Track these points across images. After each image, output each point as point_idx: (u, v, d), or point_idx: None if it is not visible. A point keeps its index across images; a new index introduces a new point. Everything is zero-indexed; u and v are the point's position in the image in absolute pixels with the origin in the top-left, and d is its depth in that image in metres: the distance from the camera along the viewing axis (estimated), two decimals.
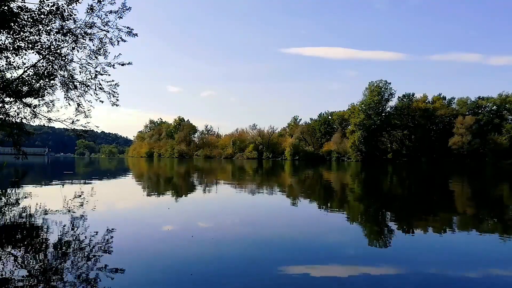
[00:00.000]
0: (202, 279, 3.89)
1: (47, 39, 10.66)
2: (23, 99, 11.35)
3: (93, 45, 11.24)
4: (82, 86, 11.68)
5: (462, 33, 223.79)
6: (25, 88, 11.12)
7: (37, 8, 10.00)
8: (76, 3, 10.35)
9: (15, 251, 4.76)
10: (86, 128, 12.25)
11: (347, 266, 4.45)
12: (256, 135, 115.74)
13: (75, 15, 10.53)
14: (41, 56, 10.86)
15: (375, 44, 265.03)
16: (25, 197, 10.22)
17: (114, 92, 11.83)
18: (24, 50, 10.43)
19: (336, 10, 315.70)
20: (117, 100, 11.90)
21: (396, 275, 4.17)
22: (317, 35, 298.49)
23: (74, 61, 11.35)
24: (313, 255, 4.92)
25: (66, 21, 10.51)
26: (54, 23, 10.44)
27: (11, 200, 9.77)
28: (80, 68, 11.46)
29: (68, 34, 10.75)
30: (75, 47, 11.10)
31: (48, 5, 10.05)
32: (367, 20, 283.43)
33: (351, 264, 4.53)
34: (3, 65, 10.72)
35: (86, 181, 17.83)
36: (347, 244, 5.70)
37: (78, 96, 11.77)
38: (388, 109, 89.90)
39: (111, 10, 10.81)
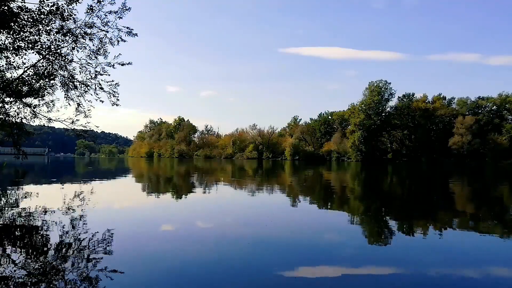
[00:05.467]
0: (201, 279, 3.89)
1: (47, 39, 10.67)
2: (23, 99, 11.35)
3: (93, 45, 11.26)
4: (82, 86, 11.69)
5: (461, 33, 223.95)
6: (25, 88, 11.13)
7: (37, 8, 10.01)
8: (76, 3, 10.36)
9: (14, 251, 4.76)
10: (86, 128, 12.26)
11: (347, 267, 4.45)
12: (256, 135, 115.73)
13: (75, 15, 10.55)
14: (41, 56, 10.86)
15: (374, 44, 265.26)
16: (25, 197, 10.23)
17: (115, 92, 11.84)
18: (24, 50, 10.44)
19: (334, 10, 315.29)
20: (118, 100, 11.91)
21: (396, 275, 4.17)
22: (315, 35, 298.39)
23: (74, 61, 11.36)
24: (312, 255, 4.92)
25: (66, 21, 10.52)
26: (54, 23, 10.45)
27: (11, 200, 9.77)
28: (80, 68, 11.48)
29: (68, 34, 10.76)
30: (75, 47, 11.11)
31: (48, 5, 10.06)
32: (365, 20, 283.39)
33: (350, 264, 4.53)
34: (3, 65, 10.73)
35: (86, 181, 17.83)
36: (347, 244, 5.70)
37: (78, 96, 11.78)
38: (388, 109, 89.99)
39: (111, 11, 10.82)
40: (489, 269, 4.51)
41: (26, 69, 10.90)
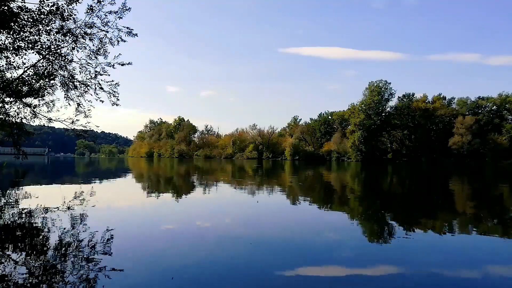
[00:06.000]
0: (201, 279, 3.89)
1: (47, 39, 10.67)
2: (23, 99, 11.35)
3: (93, 45, 11.26)
4: (82, 86, 11.69)
5: (461, 33, 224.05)
6: (25, 88, 11.12)
7: (37, 8, 10.00)
8: (76, 3, 10.35)
9: (15, 251, 4.76)
10: (86, 128, 12.25)
11: (347, 267, 4.45)
12: (256, 135, 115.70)
13: (75, 15, 10.54)
14: (41, 56, 10.86)
15: (374, 44, 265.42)
16: (25, 197, 10.22)
17: (115, 92, 11.84)
18: (24, 50, 10.43)
19: (334, 10, 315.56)
20: (118, 100, 11.91)
21: (396, 276, 4.17)
22: (315, 35, 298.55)
23: (74, 61, 11.36)
24: (313, 255, 4.92)
25: (66, 21, 10.52)
26: (54, 23, 10.45)
27: (11, 200, 9.77)
28: (80, 68, 11.47)
29: (68, 34, 10.76)
30: (75, 47, 11.11)
31: (48, 5, 10.05)
32: (365, 20, 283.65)
33: (350, 265, 4.53)
34: (3, 65, 10.73)
35: (86, 181, 17.83)
36: (347, 244, 5.70)
37: (78, 96, 11.78)
38: (388, 109, 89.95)
39: (111, 11, 10.82)
40: (489, 269, 4.51)
41: (26, 69, 10.90)
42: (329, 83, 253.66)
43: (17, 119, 11.59)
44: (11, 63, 10.65)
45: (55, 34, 10.63)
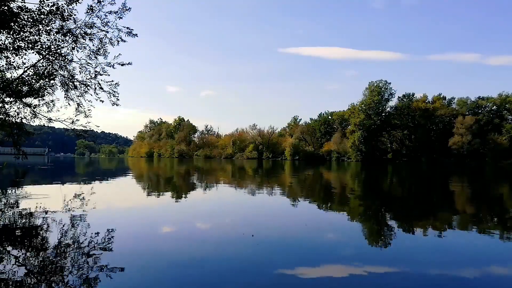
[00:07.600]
0: (202, 279, 3.89)
1: (47, 39, 10.65)
2: (23, 99, 11.34)
3: (93, 45, 11.22)
4: (82, 86, 11.67)
5: (461, 33, 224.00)
6: (25, 88, 11.11)
7: (37, 8, 9.99)
8: (76, 3, 10.34)
9: (15, 251, 4.76)
10: (86, 128, 12.22)
11: (347, 267, 4.45)
12: (256, 135, 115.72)
13: (75, 15, 10.51)
14: (41, 56, 10.85)
15: (374, 44, 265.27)
16: (25, 197, 10.22)
17: (115, 91, 11.82)
18: (24, 50, 10.42)
19: (334, 10, 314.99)
20: (118, 99, 11.88)
21: (396, 276, 4.17)
22: (315, 35, 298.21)
23: (74, 61, 11.33)
24: (313, 255, 4.92)
25: (66, 21, 10.50)
26: (54, 23, 10.43)
27: (11, 200, 9.77)
28: (80, 68, 11.44)
29: (68, 34, 10.74)
30: (75, 47, 11.08)
31: (48, 5, 10.04)
32: (365, 20, 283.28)
33: (350, 265, 4.53)
34: (3, 65, 10.71)
35: (86, 181, 17.82)
36: (347, 244, 5.70)
37: (78, 96, 11.75)
38: (388, 109, 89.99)
39: (111, 11, 10.79)
40: (489, 269, 4.51)
41: (26, 69, 10.89)
42: (329, 83, 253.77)
43: (17, 119, 11.57)
44: (11, 63, 10.64)
45: (55, 34, 10.61)
